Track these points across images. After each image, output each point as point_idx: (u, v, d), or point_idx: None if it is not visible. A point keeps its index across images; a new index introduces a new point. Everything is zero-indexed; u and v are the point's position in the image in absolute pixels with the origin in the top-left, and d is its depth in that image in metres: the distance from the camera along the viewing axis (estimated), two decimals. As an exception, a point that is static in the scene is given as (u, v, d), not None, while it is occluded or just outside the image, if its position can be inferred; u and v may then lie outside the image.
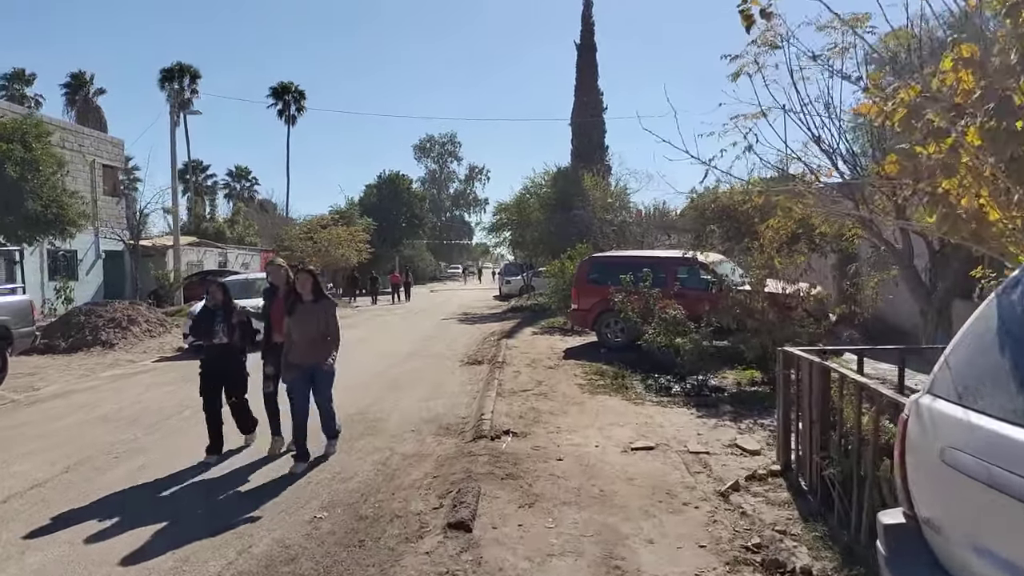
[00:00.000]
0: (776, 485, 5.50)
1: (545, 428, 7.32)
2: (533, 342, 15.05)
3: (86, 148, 23.94)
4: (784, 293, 9.14)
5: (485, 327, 19.78)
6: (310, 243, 32.62)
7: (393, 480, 5.82)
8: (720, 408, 8.30)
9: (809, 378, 5.13)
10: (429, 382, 10.64)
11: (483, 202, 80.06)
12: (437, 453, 6.57)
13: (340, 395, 9.69)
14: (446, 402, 9.03)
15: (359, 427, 7.75)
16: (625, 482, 5.60)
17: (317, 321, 6.21)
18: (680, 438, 6.91)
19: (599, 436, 7.00)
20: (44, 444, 7.41)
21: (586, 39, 31.57)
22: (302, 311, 6.20)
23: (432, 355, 13.87)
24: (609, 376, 10.27)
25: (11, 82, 48.12)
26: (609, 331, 13.45)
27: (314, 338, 6.18)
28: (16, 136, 13.75)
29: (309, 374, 6.21)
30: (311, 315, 6.20)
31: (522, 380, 10.19)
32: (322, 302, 6.33)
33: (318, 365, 6.18)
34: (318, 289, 6.34)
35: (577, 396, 9.01)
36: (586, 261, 14.96)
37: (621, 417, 7.80)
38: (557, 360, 12.24)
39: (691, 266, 12.71)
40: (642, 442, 6.72)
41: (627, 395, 9.05)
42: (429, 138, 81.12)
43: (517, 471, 5.80)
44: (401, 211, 48.27)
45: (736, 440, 6.79)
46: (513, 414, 7.92)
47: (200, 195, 58.72)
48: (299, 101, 54.78)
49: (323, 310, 6.29)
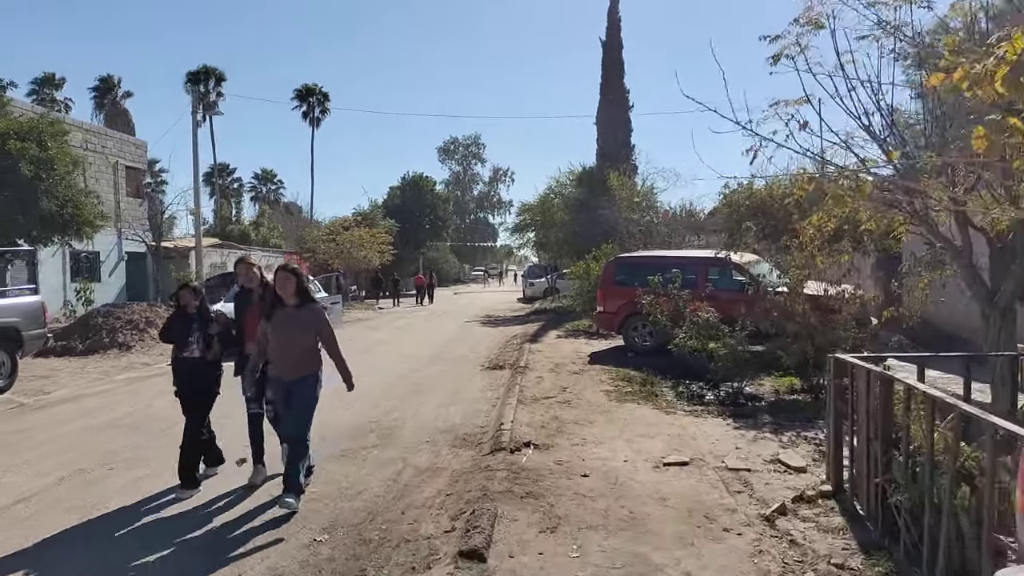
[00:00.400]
0: (827, 508, 4.93)
1: (569, 439, 6.80)
2: (557, 346, 14.52)
3: (109, 150, 23.91)
4: (827, 295, 8.53)
5: (508, 330, 19.30)
6: (333, 245, 32.42)
7: (403, 498, 5.34)
8: (758, 418, 7.71)
9: (867, 389, 4.56)
10: (448, 388, 10.18)
11: (507, 204, 79.68)
12: (452, 467, 6.09)
13: (357, 400, 9.38)
14: (465, 409, 8.55)
15: (372, 436, 7.30)
16: (658, 503, 5.07)
17: (299, 330, 5.19)
18: (717, 452, 6.34)
19: (628, 449, 6.46)
20: (43, 452, 7.07)
21: (611, 36, 30.94)
22: (282, 318, 5.19)
23: (453, 359, 13.41)
24: (637, 382, 9.72)
25: (41, 86, 48.77)
26: (636, 335, 12.88)
27: (295, 350, 5.19)
28: (32, 135, 13.60)
29: (286, 391, 5.24)
30: (293, 323, 5.17)
31: (545, 386, 9.68)
32: (308, 308, 5.27)
33: (298, 382, 5.17)
34: (303, 292, 5.27)
35: (603, 404, 8.47)
36: (612, 262, 14.40)
37: (651, 428, 7.25)
38: (582, 365, 11.70)
39: (723, 266, 12.10)
40: (675, 456, 6.17)
41: (657, 403, 8.49)
42: (453, 140, 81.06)
43: (538, 489, 5.28)
44: (424, 213, 48.01)
45: (779, 455, 6.20)
46: (535, 424, 7.41)
47: (226, 198, 59.07)
48: (323, 103, 54.81)
49: (309, 318, 5.25)
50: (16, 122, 13.87)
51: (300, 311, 5.23)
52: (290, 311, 5.20)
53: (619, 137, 29.82)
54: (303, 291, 5.28)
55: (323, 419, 8.12)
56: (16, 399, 10.10)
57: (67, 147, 14.83)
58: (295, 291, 5.20)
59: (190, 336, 5.67)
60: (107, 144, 24.04)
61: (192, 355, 5.67)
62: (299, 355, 5.17)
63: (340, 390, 5.48)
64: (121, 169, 24.51)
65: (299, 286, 5.22)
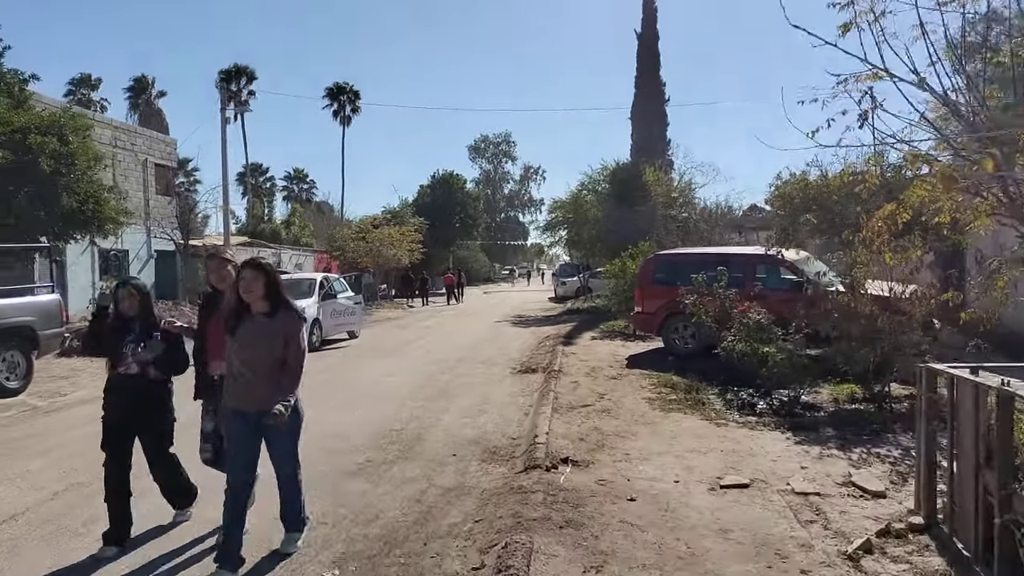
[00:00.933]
0: (921, 546, 4.18)
1: (611, 455, 6.11)
2: (592, 348, 13.80)
3: (138, 147, 23.77)
4: (895, 295, 7.71)
5: (539, 331, 18.65)
6: (362, 243, 32.08)
7: (426, 523, 4.71)
8: (820, 431, 6.94)
9: (975, 406, 3.81)
10: (477, 393, 9.55)
11: (538, 203, 78.94)
12: (482, 486, 5.44)
13: (380, 406, 8.85)
14: (495, 418, 7.92)
15: (394, 449, 6.69)
16: (718, 535, 4.36)
17: (270, 346, 3.98)
18: (780, 472, 5.61)
19: (678, 467, 5.75)
20: (47, 460, 6.63)
21: (647, 28, 30.10)
22: (249, 330, 3.97)
23: (482, 361, 12.79)
24: (681, 389, 8.98)
25: (78, 87, 49.46)
26: (677, 337, 12.12)
27: (266, 371, 3.99)
28: (53, 129, 13.34)
29: (255, 425, 3.99)
30: (262, 336, 3.96)
31: (581, 393, 8.99)
32: (282, 316, 4.02)
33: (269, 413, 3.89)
34: (275, 295, 4.01)
35: (647, 413, 7.76)
36: (651, 259, 13.63)
37: (702, 441, 6.53)
38: (620, 369, 10.98)
39: (772, 264, 11.29)
40: (733, 477, 5.45)
41: (705, 413, 7.76)
42: (484, 138, 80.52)
43: (579, 517, 4.61)
44: (454, 211, 47.52)
45: (851, 476, 5.45)
46: (572, 436, 6.73)
47: (259, 197, 59.35)
48: (354, 102, 54.66)
49: (282, 329, 4.00)
50: (38, 116, 13.62)
51: (272, 321, 4.00)
52: (259, 321, 3.99)
53: (654, 131, 28.98)
54: (276, 294, 4.02)
55: (341, 426, 7.62)
56: (30, 401, 9.74)
57: (89, 142, 14.54)
58: (265, 294, 3.96)
59: (125, 347, 4.46)
60: (136, 141, 23.90)
61: (129, 371, 4.46)
62: (272, 376, 4.03)
63: (357, 395, 4.87)
64: (150, 167, 24.36)
65: (270, 287, 3.97)
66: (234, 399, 4.06)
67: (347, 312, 17.55)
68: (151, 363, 4.50)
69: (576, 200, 25.68)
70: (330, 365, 13.02)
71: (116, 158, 22.13)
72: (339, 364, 13.12)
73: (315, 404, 9.12)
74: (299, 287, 16.48)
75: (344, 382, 10.89)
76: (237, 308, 3.99)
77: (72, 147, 13.48)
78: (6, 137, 12.68)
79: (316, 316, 15.42)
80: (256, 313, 3.99)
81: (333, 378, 11.46)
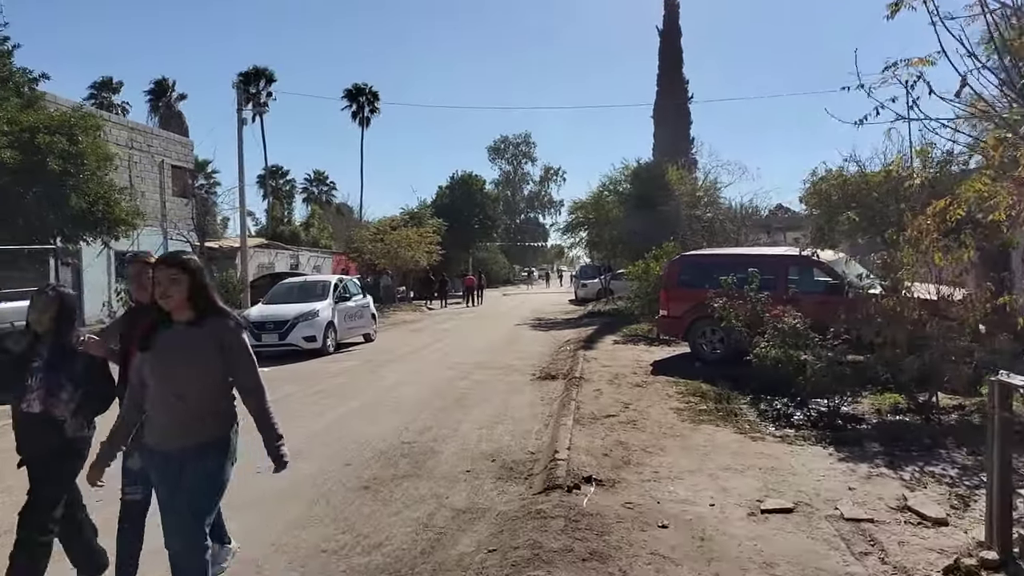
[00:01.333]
0: (999, 587, 3.65)
1: (638, 473, 5.62)
2: (614, 353, 13.28)
3: (155, 148, 23.66)
4: (944, 299, 7.14)
5: (559, 334, 18.16)
6: (380, 245, 31.80)
7: (434, 552, 4.26)
8: (865, 447, 6.39)
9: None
10: (494, 401, 9.10)
11: (558, 204, 78.36)
12: (497, 509, 4.97)
13: (392, 415, 8.44)
14: (512, 429, 7.46)
15: (404, 463, 6.26)
16: (762, 570, 3.86)
17: (197, 361, 3.08)
18: (825, 494, 5.08)
19: (713, 487, 5.24)
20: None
21: (669, 24, 29.51)
22: (168, 342, 3.09)
23: (501, 367, 12.34)
24: (711, 398, 8.45)
25: (100, 90, 49.83)
26: (704, 342, 11.56)
27: (194, 395, 3.08)
28: (63, 129, 13.10)
29: (176, 468, 3.08)
30: (185, 348, 3.08)
31: (604, 402, 8.50)
32: (212, 324, 3.14)
33: (194, 454, 3.07)
34: (202, 300, 3.15)
35: (675, 425, 7.25)
36: (676, 261, 13.07)
37: (737, 458, 6.01)
38: (644, 376, 10.46)
39: (807, 266, 10.72)
40: (775, 500, 4.93)
41: (738, 425, 7.23)
42: (503, 139, 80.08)
43: (605, 547, 4.13)
44: (473, 212, 47.14)
45: (906, 500, 4.90)
46: (595, 451, 6.25)
47: (279, 199, 59.52)
48: (373, 103, 54.58)
49: (214, 339, 3.11)
50: (47, 116, 13.40)
51: (197, 332, 3.11)
52: (180, 331, 3.10)
53: (677, 129, 28.39)
54: (203, 298, 3.14)
55: (351, 437, 7.22)
56: (33, 407, 9.44)
57: (100, 141, 14.29)
58: (187, 297, 3.09)
59: (31, 375, 3.51)
60: (152, 143, 23.79)
61: (31, 409, 3.48)
62: (194, 407, 3.07)
63: (369, 403, 4.43)
64: (167, 168, 24.24)
65: (194, 289, 3.11)
66: (154, 434, 3.14)
67: (362, 315, 17.20)
68: (62, 398, 3.51)
69: (597, 200, 25.15)
70: (344, 370, 12.64)
71: (132, 159, 22.01)
72: (352, 369, 12.74)
73: (326, 412, 8.82)
74: (313, 289, 16.19)
75: (357, 389, 10.50)
76: (155, 318, 3.14)
77: (81, 147, 13.24)
78: (14, 137, 12.46)
79: (331, 319, 15.09)
80: (177, 322, 3.12)
81: (345, 384, 11.08)
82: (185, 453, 3.06)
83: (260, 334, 14.20)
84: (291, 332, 14.26)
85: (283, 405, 9.41)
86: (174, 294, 3.06)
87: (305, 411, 8.90)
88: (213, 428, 3.13)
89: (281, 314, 14.54)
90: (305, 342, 14.35)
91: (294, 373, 12.34)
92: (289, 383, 11.14)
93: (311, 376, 11.90)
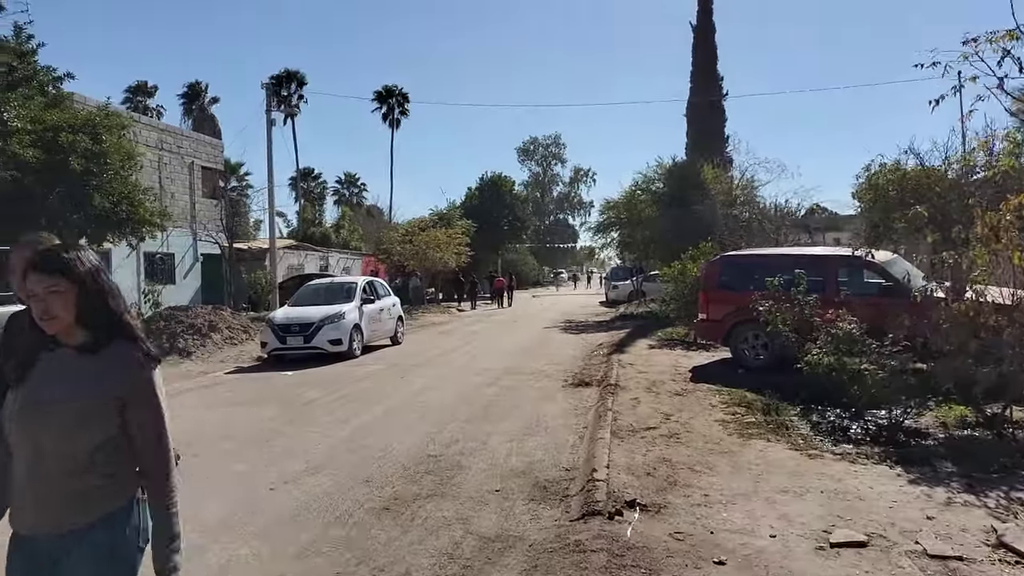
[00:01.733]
0: None
1: (686, 496, 5.07)
2: (650, 358, 12.69)
3: (185, 149, 23.64)
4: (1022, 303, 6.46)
5: (591, 337, 17.61)
6: (409, 246, 31.52)
7: (459, 589, 3.78)
8: (936, 466, 5.76)
9: None
10: (525, 410, 8.59)
11: (588, 205, 77.60)
12: (530, 538, 4.46)
13: (417, 426, 7.97)
14: (545, 442, 6.95)
15: (428, 479, 5.79)
16: (841, 621, 3.31)
17: (84, 404, 2.01)
18: (901, 524, 4.48)
19: (772, 514, 4.68)
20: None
21: (703, 20, 28.74)
22: (47, 374, 2.07)
23: (531, 372, 11.84)
24: (758, 409, 7.85)
25: (134, 94, 50.48)
26: (747, 347, 10.92)
27: (64, 458, 2.00)
28: (86, 128, 12.93)
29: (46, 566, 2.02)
30: (70, 384, 2.02)
31: (643, 412, 7.95)
32: (114, 352, 2.07)
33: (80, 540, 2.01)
34: (98, 315, 2.06)
35: (723, 440, 6.67)
36: (716, 261, 12.43)
37: (795, 479, 5.42)
38: (684, 383, 9.87)
39: (858, 267, 10.05)
40: (844, 531, 4.36)
41: (792, 440, 6.63)
42: (533, 140, 79.70)
43: (654, 588, 3.61)
44: (503, 214, 46.65)
45: (1000, 534, 4.28)
46: (637, 469, 5.71)
47: (310, 201, 59.83)
48: (403, 104, 54.51)
49: (112, 375, 2.04)
50: (72, 114, 13.24)
51: (89, 362, 2.06)
52: (65, 361, 2.08)
53: (712, 127, 27.59)
54: (99, 314, 2.07)
55: (374, 450, 6.74)
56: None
57: (124, 141, 14.09)
58: (77, 315, 2.03)
59: None
60: (183, 144, 23.77)
61: None
62: (73, 467, 2.01)
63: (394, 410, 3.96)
64: (197, 169, 24.20)
65: (84, 304, 2.03)
66: (19, 515, 2.07)
67: (390, 317, 16.84)
68: None
69: (629, 200, 24.48)
70: (369, 374, 12.25)
71: (162, 160, 21.98)
72: (378, 373, 12.35)
73: (350, 419, 8.40)
74: (340, 291, 15.86)
75: (382, 394, 10.08)
76: (33, 339, 2.09)
77: (105, 146, 13.05)
78: (38, 136, 12.30)
79: (357, 321, 14.73)
80: (65, 345, 2.08)
81: (371, 389, 10.68)
82: (62, 542, 2.01)
83: (285, 337, 13.94)
84: (316, 335, 13.93)
85: (306, 411, 9.04)
86: (57, 312, 1.99)
87: (327, 418, 8.52)
88: (104, 499, 2.05)
89: (307, 316, 14.21)
90: (331, 345, 14.02)
91: (318, 377, 12.00)
92: (313, 388, 10.79)
93: (336, 380, 11.54)
